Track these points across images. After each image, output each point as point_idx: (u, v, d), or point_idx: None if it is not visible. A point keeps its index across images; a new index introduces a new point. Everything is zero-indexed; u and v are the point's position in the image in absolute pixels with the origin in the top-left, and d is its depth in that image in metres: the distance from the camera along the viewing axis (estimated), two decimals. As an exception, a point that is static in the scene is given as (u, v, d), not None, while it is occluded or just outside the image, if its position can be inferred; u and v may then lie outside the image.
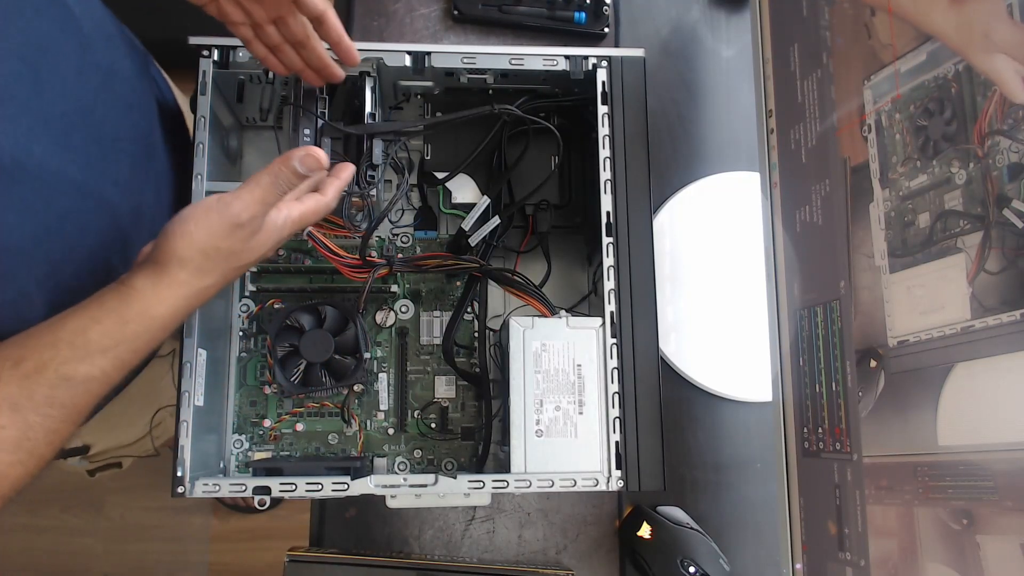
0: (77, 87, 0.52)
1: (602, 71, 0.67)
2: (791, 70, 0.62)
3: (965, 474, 0.43)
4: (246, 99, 0.70)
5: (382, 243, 0.74)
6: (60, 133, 0.50)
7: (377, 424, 0.71)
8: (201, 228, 0.51)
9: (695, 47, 0.85)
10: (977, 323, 0.42)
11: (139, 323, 0.50)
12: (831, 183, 0.57)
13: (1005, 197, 0.40)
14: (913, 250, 0.47)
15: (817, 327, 0.58)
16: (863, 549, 0.52)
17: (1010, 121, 0.40)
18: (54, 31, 0.50)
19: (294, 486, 0.59)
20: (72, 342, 0.47)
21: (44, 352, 0.47)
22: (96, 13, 0.57)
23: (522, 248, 0.74)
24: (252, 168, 0.75)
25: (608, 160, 0.65)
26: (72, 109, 0.52)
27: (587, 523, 0.74)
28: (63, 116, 0.51)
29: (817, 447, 0.57)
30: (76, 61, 0.52)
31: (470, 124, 0.69)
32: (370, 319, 0.72)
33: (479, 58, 0.67)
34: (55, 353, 0.47)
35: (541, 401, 0.61)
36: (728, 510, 0.75)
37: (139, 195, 0.60)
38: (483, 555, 0.73)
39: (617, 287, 0.63)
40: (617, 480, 0.61)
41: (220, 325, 0.69)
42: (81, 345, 0.48)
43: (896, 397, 0.49)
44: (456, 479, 0.60)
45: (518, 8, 0.82)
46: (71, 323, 0.48)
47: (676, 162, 0.82)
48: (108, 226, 0.56)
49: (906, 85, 0.49)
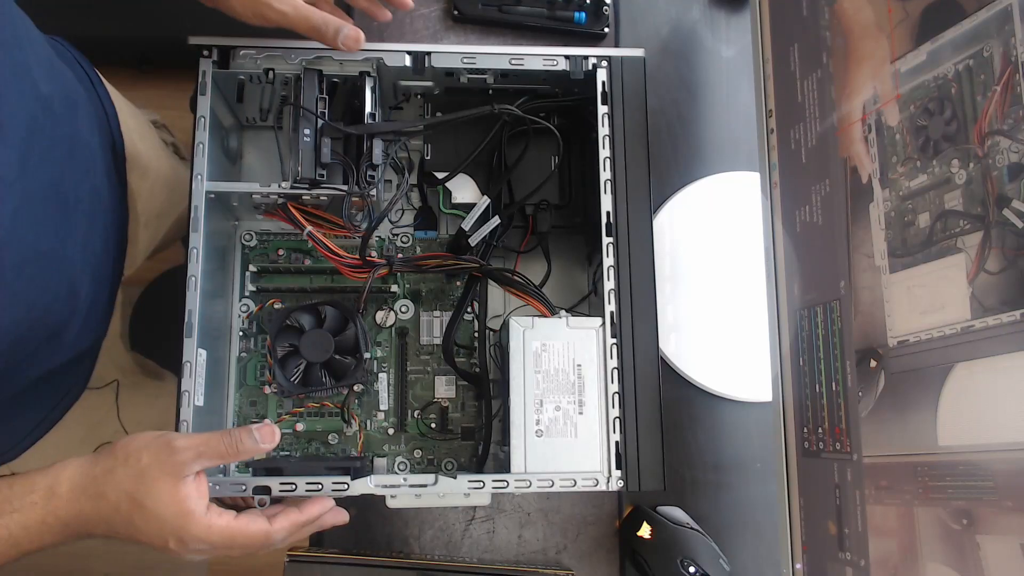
0: (49, 162, 0.54)
1: (602, 71, 0.67)
2: (791, 70, 0.62)
3: (965, 474, 0.43)
4: (246, 99, 0.70)
5: (382, 243, 0.74)
6: (38, 209, 0.52)
7: (377, 424, 0.71)
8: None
9: (695, 47, 0.85)
10: (977, 323, 0.42)
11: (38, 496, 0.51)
12: (831, 183, 0.57)
13: (1005, 197, 0.40)
14: (913, 250, 0.47)
15: (817, 327, 0.58)
16: (863, 549, 0.52)
17: (1010, 121, 0.40)
18: (37, 112, 0.52)
19: (294, 486, 0.59)
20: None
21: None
22: (57, 76, 0.58)
23: (522, 248, 0.74)
24: (252, 168, 0.75)
25: (608, 160, 0.65)
26: (46, 183, 0.53)
27: (587, 523, 0.74)
28: (39, 192, 0.52)
29: (817, 447, 0.57)
30: (48, 137, 0.53)
31: (470, 124, 0.69)
32: (370, 319, 0.72)
33: (479, 58, 0.67)
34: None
35: (541, 401, 0.61)
36: (728, 510, 0.75)
37: (91, 246, 0.62)
38: (483, 555, 0.73)
39: (617, 287, 0.63)
40: (617, 480, 0.61)
41: (220, 325, 0.69)
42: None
43: (896, 397, 0.49)
44: (456, 479, 0.60)
45: (518, 8, 0.82)
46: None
47: (676, 162, 0.82)
48: (65, 283, 0.58)
49: (906, 85, 0.49)
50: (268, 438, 0.55)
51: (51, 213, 0.54)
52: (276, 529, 0.55)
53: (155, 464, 0.52)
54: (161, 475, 0.52)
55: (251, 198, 0.66)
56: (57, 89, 0.56)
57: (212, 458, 0.53)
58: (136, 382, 0.89)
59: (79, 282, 0.60)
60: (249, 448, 0.55)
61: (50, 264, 0.55)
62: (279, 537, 0.56)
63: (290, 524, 0.56)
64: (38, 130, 0.52)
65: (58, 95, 0.56)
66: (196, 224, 0.62)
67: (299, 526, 0.57)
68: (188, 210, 0.63)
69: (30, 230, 0.51)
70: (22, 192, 0.49)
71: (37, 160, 0.51)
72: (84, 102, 0.62)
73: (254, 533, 0.54)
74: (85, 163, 0.60)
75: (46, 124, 0.53)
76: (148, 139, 0.76)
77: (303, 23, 0.59)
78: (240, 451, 0.54)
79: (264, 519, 0.55)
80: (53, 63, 0.58)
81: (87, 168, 0.61)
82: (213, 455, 0.53)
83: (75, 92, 0.61)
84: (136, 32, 1.31)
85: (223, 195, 0.66)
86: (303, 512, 0.57)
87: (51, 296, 0.56)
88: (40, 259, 0.53)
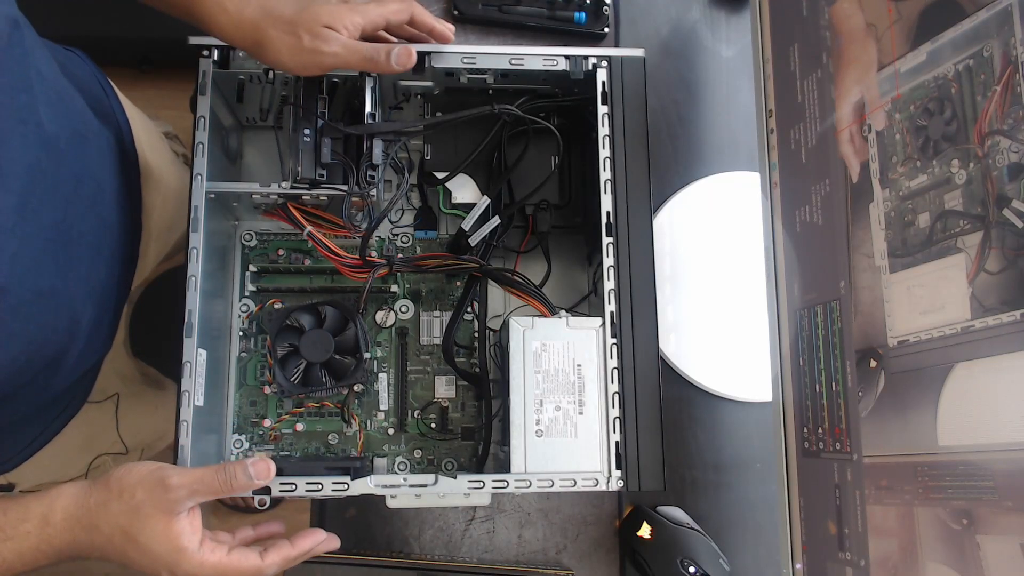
0: (51, 204, 0.53)
1: (602, 71, 0.67)
2: (791, 70, 0.62)
3: (965, 474, 0.43)
4: (246, 99, 0.70)
5: (382, 243, 0.74)
6: (38, 251, 0.52)
7: (377, 424, 0.71)
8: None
9: (695, 47, 0.85)
10: (977, 323, 0.42)
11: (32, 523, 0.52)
12: (831, 183, 0.57)
13: (1005, 197, 0.40)
14: (913, 250, 0.47)
15: (817, 327, 0.58)
16: (863, 549, 0.52)
17: (1010, 121, 0.40)
18: (40, 155, 0.51)
19: (294, 486, 0.59)
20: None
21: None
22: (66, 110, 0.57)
23: (522, 248, 0.74)
24: (252, 168, 0.75)
25: (608, 160, 0.65)
26: (47, 225, 0.53)
27: (587, 523, 0.74)
28: (39, 234, 0.52)
29: (817, 447, 0.57)
30: (52, 178, 0.53)
31: (470, 124, 0.69)
32: (370, 319, 0.72)
33: (479, 58, 0.67)
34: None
35: (541, 401, 0.61)
36: (728, 510, 0.75)
37: (95, 276, 0.61)
38: (483, 555, 0.73)
39: (617, 287, 0.63)
40: (617, 480, 0.61)
41: (220, 325, 0.69)
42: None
43: (896, 397, 0.49)
44: (456, 479, 0.60)
45: (518, 8, 0.82)
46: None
47: (676, 162, 0.82)
48: (65, 316, 0.58)
49: (906, 85, 0.49)
50: (263, 474, 0.56)
51: (52, 253, 0.54)
52: (267, 564, 0.56)
53: (149, 501, 0.52)
54: (155, 512, 0.52)
55: (251, 198, 0.66)
56: (64, 126, 0.55)
57: (206, 495, 0.54)
58: (136, 391, 0.89)
59: (81, 313, 0.60)
60: (243, 484, 0.55)
61: (50, 302, 0.55)
62: (270, 572, 0.56)
63: (281, 559, 0.57)
64: (40, 173, 0.51)
65: (65, 132, 0.55)
66: (196, 224, 0.62)
67: (290, 560, 0.57)
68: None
69: (29, 272, 0.51)
70: (21, 237, 0.49)
71: (37, 204, 0.51)
72: (95, 131, 0.61)
73: (246, 569, 0.55)
74: (90, 197, 0.60)
75: (49, 167, 0.52)
76: (160, 152, 0.76)
77: (355, 58, 0.59)
78: (234, 487, 0.55)
79: (256, 555, 0.56)
80: (63, 96, 0.57)
81: (93, 201, 0.60)
82: (207, 491, 0.54)
83: (85, 124, 0.60)
84: (136, 32, 1.31)
85: (223, 195, 0.66)
86: (295, 547, 0.58)
87: (50, 330, 0.56)
88: (40, 298, 0.53)
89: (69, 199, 0.56)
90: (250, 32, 0.57)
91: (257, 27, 0.57)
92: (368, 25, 0.60)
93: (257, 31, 0.57)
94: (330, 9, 0.58)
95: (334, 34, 0.58)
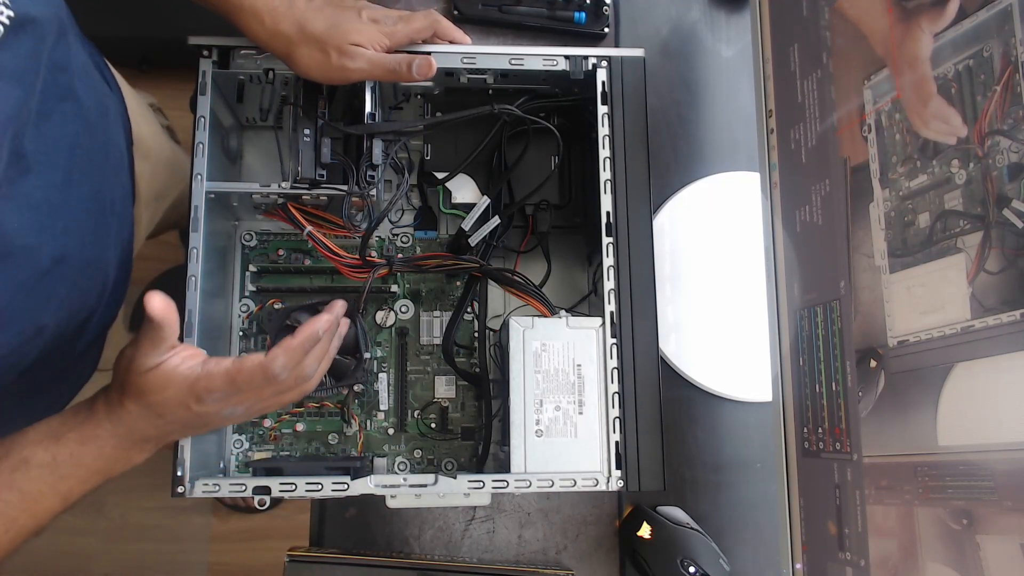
0: (89, 175, 0.56)
1: (602, 71, 0.67)
2: (791, 70, 0.62)
3: (965, 474, 0.43)
4: (246, 99, 0.70)
5: (382, 243, 0.74)
6: (83, 223, 0.55)
7: (377, 424, 0.71)
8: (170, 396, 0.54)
9: (695, 47, 0.85)
10: (977, 323, 0.42)
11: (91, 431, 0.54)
12: (831, 183, 0.57)
13: (1005, 197, 0.40)
14: (913, 250, 0.47)
15: (817, 327, 0.58)
16: (863, 549, 0.52)
17: (1010, 121, 0.40)
18: (79, 130, 0.55)
19: (294, 486, 0.59)
20: (33, 431, 0.53)
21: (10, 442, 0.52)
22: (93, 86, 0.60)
23: (522, 248, 0.74)
24: (252, 168, 0.75)
25: (608, 160, 0.65)
26: (87, 196, 0.56)
27: (587, 523, 0.74)
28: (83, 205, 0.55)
29: (817, 447, 0.57)
30: (87, 150, 0.56)
31: (470, 124, 0.69)
32: (370, 319, 0.72)
33: (479, 58, 0.67)
34: (19, 438, 0.52)
35: (541, 401, 0.61)
36: (728, 510, 0.75)
37: (122, 241, 0.64)
38: (483, 555, 0.73)
39: (617, 287, 0.63)
40: (617, 480, 0.61)
41: (220, 325, 0.69)
42: (43, 430, 0.53)
43: (896, 397, 0.49)
44: (456, 479, 0.60)
45: (518, 8, 0.82)
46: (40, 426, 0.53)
47: (676, 162, 0.82)
48: (100, 281, 0.60)
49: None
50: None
51: (92, 222, 0.57)
52: (270, 357, 0.55)
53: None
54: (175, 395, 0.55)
55: (251, 198, 0.66)
56: (92, 97, 0.58)
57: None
58: None
59: (110, 277, 0.62)
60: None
61: (94, 269, 0.58)
62: (277, 365, 0.54)
63: (283, 349, 0.55)
64: (79, 147, 0.54)
65: (93, 103, 0.58)
66: (196, 224, 0.62)
67: (293, 350, 0.55)
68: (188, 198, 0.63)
69: (78, 243, 0.55)
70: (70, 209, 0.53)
71: (79, 176, 0.54)
72: (111, 100, 0.64)
73: (251, 367, 0.54)
74: (116, 165, 0.63)
75: (85, 140, 0.55)
76: (149, 121, 0.77)
77: (380, 71, 0.62)
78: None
79: (260, 354, 0.56)
80: (87, 68, 0.60)
81: (117, 169, 0.63)
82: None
83: (106, 95, 0.63)
84: (136, 32, 1.31)
85: (223, 195, 0.66)
86: (296, 336, 0.56)
87: (89, 295, 0.59)
88: (88, 267, 0.57)
89: (101, 169, 0.59)
90: (283, 45, 0.61)
91: (290, 41, 0.60)
92: (395, 45, 0.64)
93: (289, 45, 0.60)
94: (359, 27, 0.61)
95: (361, 50, 0.61)
